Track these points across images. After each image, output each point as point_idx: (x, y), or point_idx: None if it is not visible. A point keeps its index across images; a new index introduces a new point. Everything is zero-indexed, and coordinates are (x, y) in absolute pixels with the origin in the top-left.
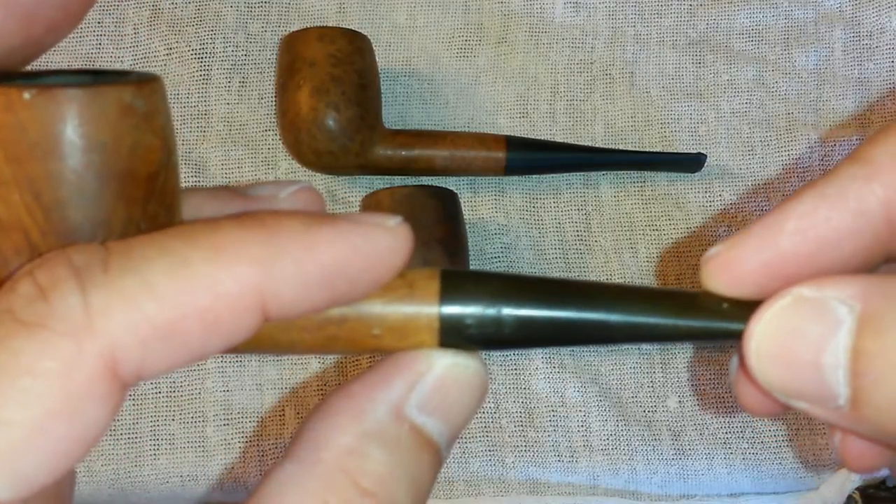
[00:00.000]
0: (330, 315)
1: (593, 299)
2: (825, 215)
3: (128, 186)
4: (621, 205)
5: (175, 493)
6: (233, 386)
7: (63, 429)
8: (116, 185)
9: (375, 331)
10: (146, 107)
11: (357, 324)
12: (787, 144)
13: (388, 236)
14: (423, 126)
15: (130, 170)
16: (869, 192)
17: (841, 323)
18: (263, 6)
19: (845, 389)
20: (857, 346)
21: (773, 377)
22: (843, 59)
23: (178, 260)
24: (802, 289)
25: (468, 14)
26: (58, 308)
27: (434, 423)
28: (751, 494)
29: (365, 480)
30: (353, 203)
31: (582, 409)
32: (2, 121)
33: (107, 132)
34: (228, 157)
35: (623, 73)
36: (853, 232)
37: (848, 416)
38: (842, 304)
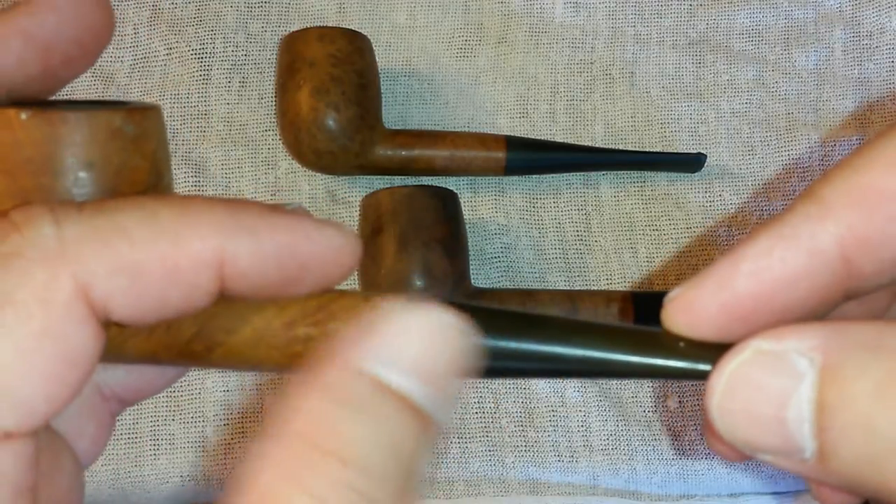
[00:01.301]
0: (295, 333)
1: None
2: (780, 256)
3: None
4: (621, 205)
5: (175, 493)
6: (233, 386)
7: (49, 348)
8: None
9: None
10: (135, 131)
11: (321, 344)
12: (788, 144)
13: (339, 235)
14: (423, 126)
15: (116, 188)
16: (823, 231)
17: (802, 376)
18: (263, 6)
19: (811, 443)
20: (820, 400)
21: (737, 433)
22: (844, 60)
23: (148, 213)
24: (761, 342)
25: (468, 14)
26: (32, 238)
27: (410, 383)
28: (751, 494)
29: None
30: (353, 203)
31: (582, 409)
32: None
33: (95, 152)
34: (228, 157)
35: (623, 73)
36: (809, 272)
37: (815, 468)
38: (802, 357)
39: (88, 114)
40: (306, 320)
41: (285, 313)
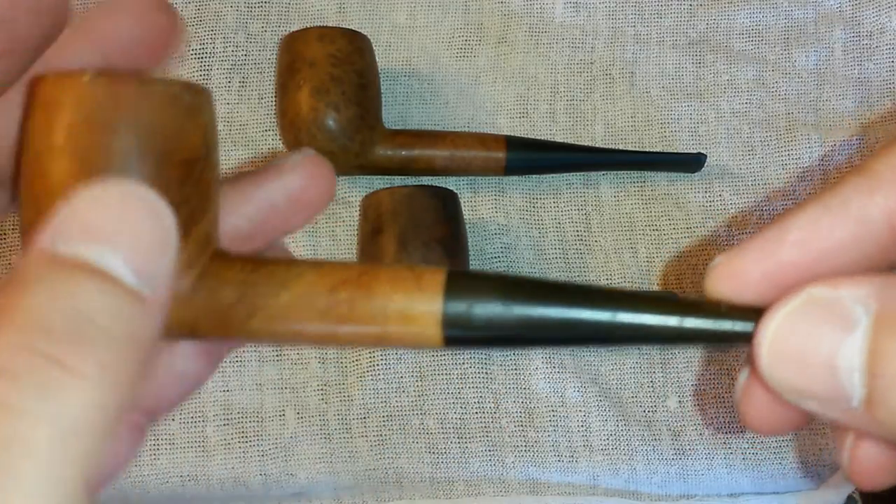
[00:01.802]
0: (338, 297)
1: (596, 299)
2: (828, 226)
3: (164, 166)
4: (621, 205)
5: (175, 493)
6: (233, 386)
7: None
8: (154, 161)
9: (381, 317)
10: (192, 101)
11: (364, 308)
12: (788, 144)
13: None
14: (423, 126)
15: (169, 151)
16: (872, 203)
17: (856, 323)
18: (263, 6)
19: (860, 390)
20: (873, 347)
21: (785, 378)
22: (844, 59)
23: None
24: (816, 288)
25: (468, 14)
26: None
27: (88, 250)
28: (751, 494)
29: (12, 318)
30: (353, 203)
31: (582, 409)
32: (63, 97)
33: (153, 116)
34: (228, 158)
35: (623, 73)
36: (856, 242)
37: (861, 417)
38: (857, 304)
39: (149, 79)
40: (349, 284)
41: (328, 279)
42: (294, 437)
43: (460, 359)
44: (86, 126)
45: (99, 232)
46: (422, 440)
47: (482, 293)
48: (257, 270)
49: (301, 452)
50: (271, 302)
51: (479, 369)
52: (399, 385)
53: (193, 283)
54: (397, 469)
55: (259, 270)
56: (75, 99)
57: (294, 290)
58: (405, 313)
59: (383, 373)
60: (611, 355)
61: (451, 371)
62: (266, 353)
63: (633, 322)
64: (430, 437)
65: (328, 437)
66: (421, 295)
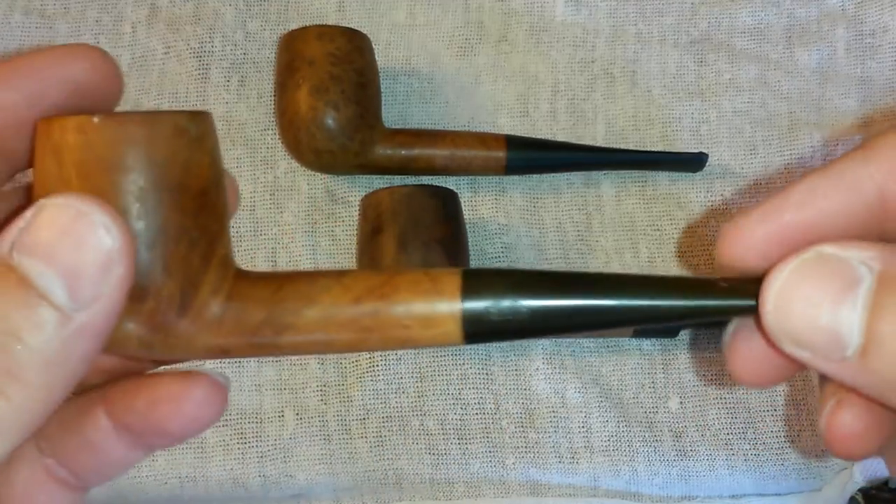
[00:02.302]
0: (363, 309)
1: (603, 286)
2: (824, 191)
3: (181, 198)
4: (622, 204)
5: (174, 494)
6: (232, 386)
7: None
8: (171, 196)
9: (406, 322)
10: (198, 131)
11: (388, 316)
12: (790, 144)
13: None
14: (423, 125)
15: (184, 184)
16: (865, 174)
17: (860, 280)
18: (262, 4)
19: (857, 340)
20: (873, 302)
21: (788, 325)
22: (846, 58)
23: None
24: (825, 247)
25: (468, 13)
26: None
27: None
28: (753, 495)
29: None
30: (353, 202)
31: (583, 410)
32: (74, 142)
33: (163, 149)
34: (227, 157)
35: (624, 72)
36: (849, 207)
37: (853, 367)
38: (862, 265)
39: (155, 114)
40: (372, 294)
41: (351, 291)
42: (293, 438)
43: (460, 359)
44: (98, 168)
45: (43, 248)
46: (422, 441)
47: (497, 290)
48: (282, 288)
49: (300, 454)
50: (299, 319)
51: (479, 370)
52: (399, 386)
53: (221, 306)
54: (397, 470)
55: (284, 288)
56: (85, 142)
57: (320, 305)
58: (427, 317)
59: (383, 373)
60: (612, 356)
61: (451, 372)
62: None
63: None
64: (430, 438)
65: (327, 438)
66: (440, 298)
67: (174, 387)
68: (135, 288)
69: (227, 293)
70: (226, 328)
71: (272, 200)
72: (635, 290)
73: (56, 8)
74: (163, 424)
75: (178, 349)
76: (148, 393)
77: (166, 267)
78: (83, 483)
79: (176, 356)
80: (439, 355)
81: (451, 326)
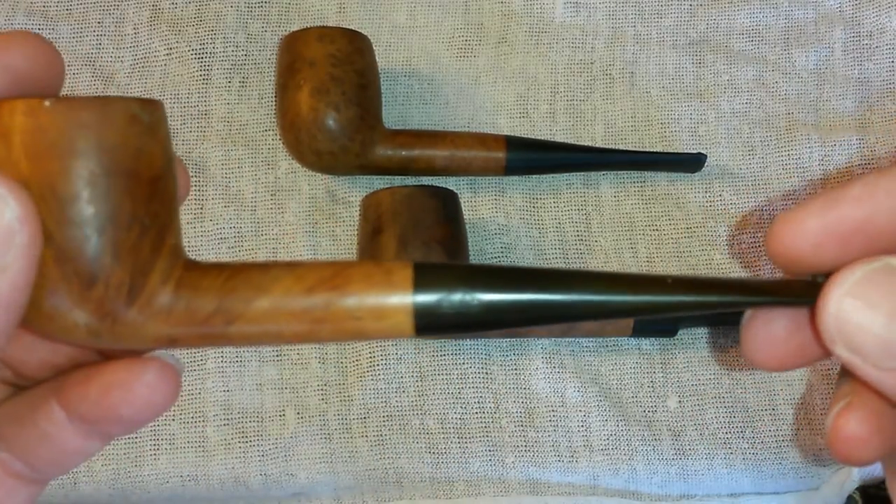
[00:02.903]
0: (315, 300)
1: (553, 282)
2: (885, 188)
3: (133, 184)
4: (621, 205)
5: (175, 493)
6: (233, 386)
7: None
8: (123, 181)
9: (357, 314)
10: (150, 119)
11: (340, 308)
12: (788, 144)
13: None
14: (423, 126)
15: (135, 171)
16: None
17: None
18: (263, 6)
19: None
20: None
21: (846, 329)
22: (844, 59)
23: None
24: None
25: (468, 14)
26: None
27: None
28: (751, 494)
29: None
30: (353, 203)
31: (582, 409)
32: (24, 124)
33: (115, 135)
34: (228, 157)
35: (623, 73)
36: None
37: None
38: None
39: (108, 100)
40: (324, 286)
41: (303, 282)
42: (294, 437)
43: (460, 359)
44: (49, 152)
45: None
46: (422, 440)
47: (449, 283)
48: (233, 277)
49: (301, 452)
50: (250, 308)
51: (479, 369)
52: (399, 385)
53: (170, 295)
54: (397, 469)
55: (235, 277)
56: (36, 125)
57: (271, 295)
58: (379, 309)
59: (383, 373)
60: (611, 355)
61: (451, 371)
62: (266, 353)
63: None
64: (431, 437)
65: (328, 437)
66: (392, 290)
67: (125, 372)
68: (83, 274)
69: (176, 282)
70: (175, 317)
71: (273, 201)
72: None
73: (58, 10)
74: (116, 410)
75: (127, 338)
76: (99, 380)
77: (116, 254)
78: (41, 476)
79: (124, 345)
80: (439, 355)
81: (402, 319)
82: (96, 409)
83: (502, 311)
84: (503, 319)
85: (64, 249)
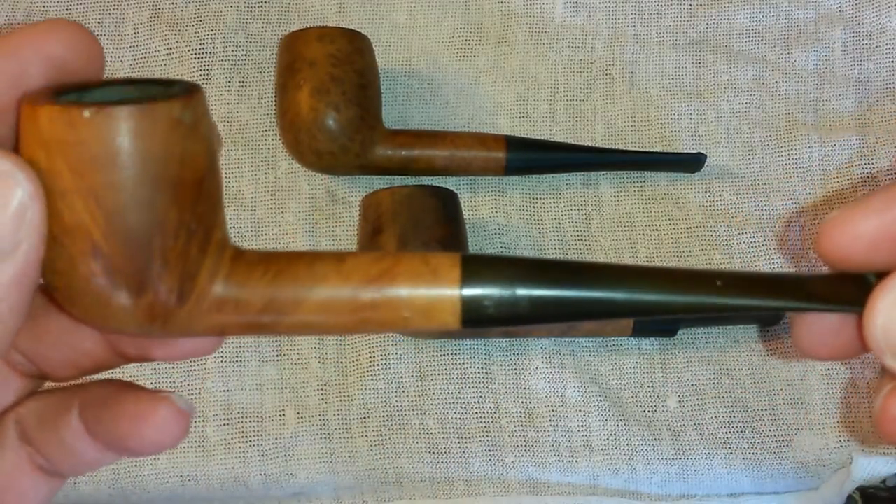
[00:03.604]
0: (363, 300)
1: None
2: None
3: (179, 192)
4: (621, 205)
5: (175, 493)
6: (233, 386)
7: None
8: (169, 191)
9: (405, 313)
10: (192, 118)
11: (388, 307)
12: (787, 144)
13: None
14: (423, 126)
15: (181, 177)
16: None
17: None
18: (263, 6)
19: None
20: None
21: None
22: (843, 59)
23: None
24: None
25: (468, 14)
26: None
27: None
28: (751, 494)
29: None
30: (353, 203)
31: (582, 409)
32: (65, 137)
33: (158, 144)
34: (228, 157)
35: (623, 72)
36: None
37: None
38: None
39: (150, 106)
40: (371, 286)
41: (350, 281)
42: (294, 437)
43: (460, 359)
44: (91, 166)
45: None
46: (422, 440)
47: (497, 279)
48: (281, 274)
49: (301, 452)
50: (298, 307)
51: (479, 369)
52: (399, 385)
53: (219, 290)
54: (397, 469)
55: (283, 274)
56: (77, 138)
57: (319, 293)
58: (426, 305)
59: (383, 373)
60: (611, 355)
61: (451, 371)
62: (266, 353)
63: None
64: (430, 437)
65: (328, 436)
66: (439, 285)
67: (140, 406)
68: (132, 284)
69: (224, 277)
70: (224, 311)
71: (273, 201)
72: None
73: (58, 10)
74: (124, 442)
75: (177, 332)
76: (114, 407)
77: (164, 262)
78: (61, 473)
79: (175, 337)
80: (439, 355)
81: (448, 313)
82: (108, 434)
83: (549, 307)
84: (550, 314)
85: (111, 261)
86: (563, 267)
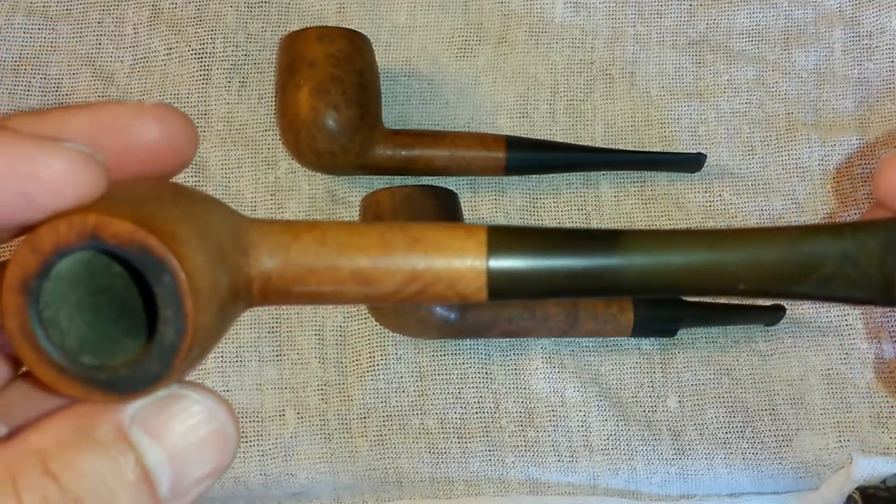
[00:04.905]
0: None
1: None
2: None
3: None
4: (621, 205)
5: None
6: (233, 386)
7: None
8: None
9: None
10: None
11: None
12: (787, 144)
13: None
14: (423, 126)
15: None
16: None
17: None
18: (263, 6)
19: None
20: None
21: None
22: (843, 59)
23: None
24: None
25: (468, 14)
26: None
27: (151, 448)
28: (751, 494)
29: (53, 464)
30: (353, 203)
31: (582, 408)
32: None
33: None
34: (228, 157)
35: (623, 73)
36: None
37: None
38: None
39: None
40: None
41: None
42: (294, 437)
43: (460, 359)
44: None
45: (171, 442)
46: (422, 440)
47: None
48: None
49: (301, 452)
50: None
51: (479, 369)
52: (399, 385)
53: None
54: (397, 469)
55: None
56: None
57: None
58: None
59: (383, 373)
60: (611, 355)
61: (451, 371)
62: (266, 353)
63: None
64: (430, 437)
65: (328, 437)
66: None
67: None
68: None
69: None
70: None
71: (273, 201)
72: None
73: (58, 9)
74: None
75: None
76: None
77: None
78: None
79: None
80: (439, 355)
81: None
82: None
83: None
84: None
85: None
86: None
